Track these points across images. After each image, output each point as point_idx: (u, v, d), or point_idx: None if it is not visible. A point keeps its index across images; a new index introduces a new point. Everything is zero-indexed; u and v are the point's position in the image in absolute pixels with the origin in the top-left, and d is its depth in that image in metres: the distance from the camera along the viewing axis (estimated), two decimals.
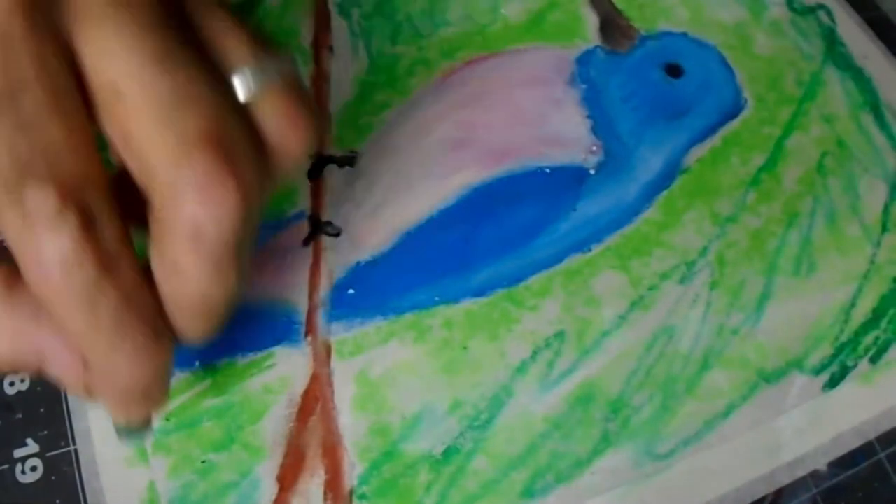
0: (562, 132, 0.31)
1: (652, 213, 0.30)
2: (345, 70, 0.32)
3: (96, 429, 0.25)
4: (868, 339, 0.28)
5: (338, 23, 0.33)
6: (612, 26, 0.33)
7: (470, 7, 0.34)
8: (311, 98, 0.23)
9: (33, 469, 0.25)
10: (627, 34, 0.33)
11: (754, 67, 0.33)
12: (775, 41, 0.34)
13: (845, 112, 0.32)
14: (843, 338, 0.28)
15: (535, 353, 0.27)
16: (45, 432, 0.26)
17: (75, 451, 0.25)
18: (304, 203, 0.29)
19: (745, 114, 0.32)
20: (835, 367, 0.27)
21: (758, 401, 0.27)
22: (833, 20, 0.34)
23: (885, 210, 0.30)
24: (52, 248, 0.16)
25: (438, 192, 0.29)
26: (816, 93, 0.33)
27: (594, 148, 0.31)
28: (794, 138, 0.31)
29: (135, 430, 0.21)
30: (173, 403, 0.26)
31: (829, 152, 0.31)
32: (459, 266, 0.28)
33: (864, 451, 0.26)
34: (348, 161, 0.30)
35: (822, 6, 0.35)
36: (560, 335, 0.27)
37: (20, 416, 0.26)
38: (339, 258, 0.28)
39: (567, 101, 0.31)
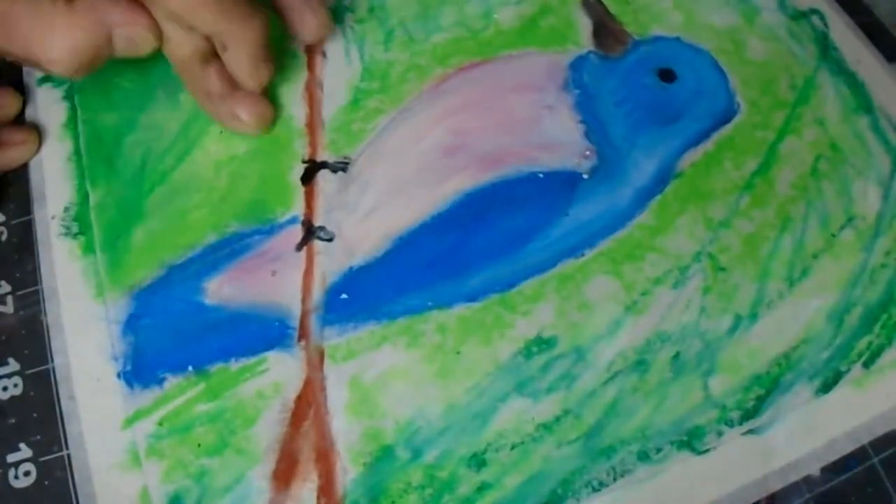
0: (555, 137, 0.31)
1: (645, 217, 0.30)
2: (338, 76, 0.32)
3: (89, 434, 0.26)
4: (861, 344, 0.28)
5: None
6: (606, 31, 0.34)
7: (463, 13, 0.34)
8: None
9: (27, 474, 0.25)
10: (620, 39, 0.33)
11: (747, 72, 0.33)
12: (768, 45, 0.34)
13: (839, 116, 0.32)
14: (837, 342, 0.28)
15: (528, 359, 0.27)
16: (39, 437, 0.26)
17: (68, 455, 0.25)
18: (297, 208, 0.29)
19: (738, 118, 0.32)
20: (828, 372, 0.27)
21: (751, 406, 0.26)
22: (826, 25, 0.34)
23: (879, 214, 0.30)
24: None
25: (432, 198, 0.29)
26: (810, 97, 0.33)
27: (587, 153, 0.31)
28: (788, 143, 0.31)
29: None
30: (166, 409, 0.26)
31: (822, 156, 0.31)
32: (452, 271, 0.28)
33: (857, 456, 0.26)
34: (341, 167, 0.30)
35: (815, 11, 0.35)
36: (553, 340, 0.27)
37: (13, 420, 0.26)
38: (332, 263, 0.28)
39: (560, 107, 0.32)
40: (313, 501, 0.25)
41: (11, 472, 0.25)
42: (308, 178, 0.30)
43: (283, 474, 0.25)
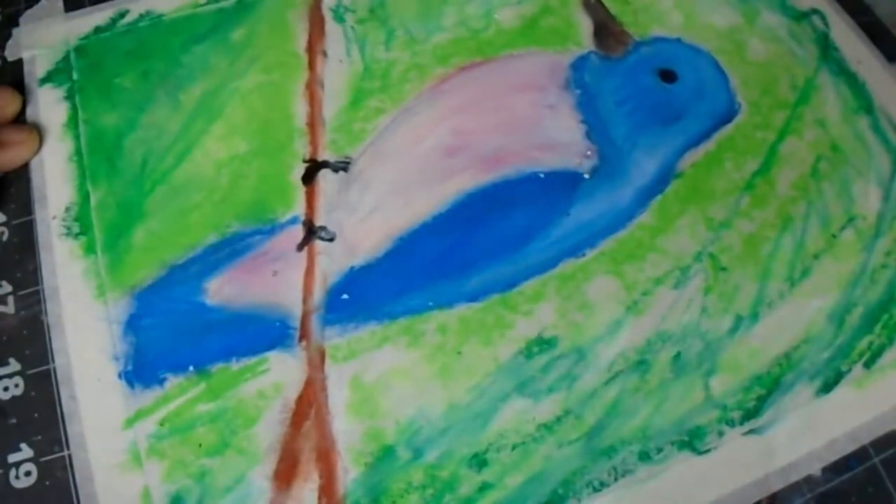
0: (556, 137, 0.31)
1: (646, 217, 0.30)
2: (339, 75, 0.32)
3: (90, 434, 0.26)
4: (862, 344, 0.28)
5: (332, 28, 0.34)
6: (606, 32, 0.34)
7: (464, 13, 0.34)
8: None
9: (27, 474, 0.25)
10: (621, 39, 0.33)
11: (748, 72, 0.33)
12: (769, 46, 0.34)
13: (839, 116, 0.32)
14: (837, 342, 0.28)
15: (529, 359, 0.27)
16: (40, 437, 0.26)
17: (69, 456, 0.25)
18: (298, 208, 0.29)
19: (739, 118, 0.32)
20: (829, 372, 0.27)
21: (752, 405, 0.26)
22: (827, 25, 0.34)
23: (879, 214, 0.30)
24: None
25: (432, 198, 0.29)
26: (810, 97, 0.33)
27: (588, 153, 0.31)
28: (788, 143, 0.31)
29: None
30: (167, 409, 0.26)
31: (823, 156, 0.31)
32: (453, 271, 0.28)
33: (857, 456, 0.26)
34: (342, 166, 0.30)
35: (815, 11, 0.35)
36: (554, 340, 0.27)
37: (14, 420, 0.26)
38: (333, 263, 0.28)
39: (561, 106, 0.32)
40: (314, 501, 0.25)
41: (12, 472, 0.25)
42: (309, 177, 0.30)
43: (284, 474, 0.25)
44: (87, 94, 0.32)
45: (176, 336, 0.27)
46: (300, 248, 0.29)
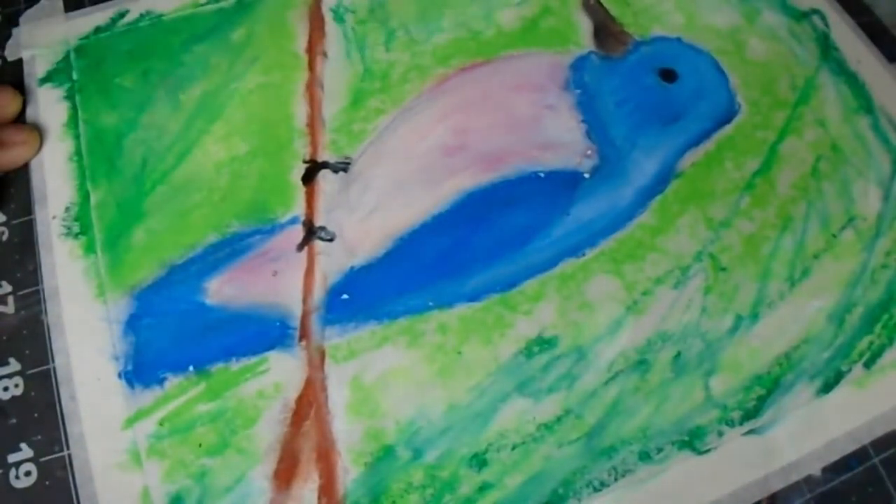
0: (556, 137, 0.31)
1: (646, 217, 0.30)
2: (339, 76, 0.32)
3: (90, 434, 0.26)
4: (862, 344, 0.28)
5: (332, 28, 0.34)
6: (606, 32, 0.34)
7: (464, 14, 0.34)
8: None
9: (27, 474, 0.25)
10: (621, 39, 0.33)
11: (748, 72, 0.33)
12: (769, 46, 0.34)
13: (839, 116, 0.32)
14: (837, 343, 0.28)
15: (529, 358, 0.27)
16: (39, 437, 0.26)
17: (69, 455, 0.25)
18: (298, 208, 0.29)
19: (739, 118, 0.32)
20: (829, 372, 0.27)
21: (752, 405, 0.26)
22: (827, 25, 0.34)
23: (879, 215, 0.30)
24: None
25: (432, 198, 0.29)
26: (810, 97, 0.33)
27: (588, 152, 0.31)
28: (789, 143, 0.31)
29: None
30: (167, 408, 0.26)
31: (823, 156, 0.31)
32: (453, 271, 0.28)
33: (857, 456, 0.26)
34: (342, 167, 0.30)
35: (816, 11, 0.35)
36: (554, 340, 0.27)
37: (14, 420, 0.26)
38: (333, 263, 0.28)
39: (561, 106, 0.32)
40: (314, 501, 0.25)
41: (12, 472, 0.25)
42: (309, 178, 0.30)
43: (284, 474, 0.25)
44: (87, 94, 0.32)
45: (176, 336, 0.27)
46: (300, 248, 0.29)
